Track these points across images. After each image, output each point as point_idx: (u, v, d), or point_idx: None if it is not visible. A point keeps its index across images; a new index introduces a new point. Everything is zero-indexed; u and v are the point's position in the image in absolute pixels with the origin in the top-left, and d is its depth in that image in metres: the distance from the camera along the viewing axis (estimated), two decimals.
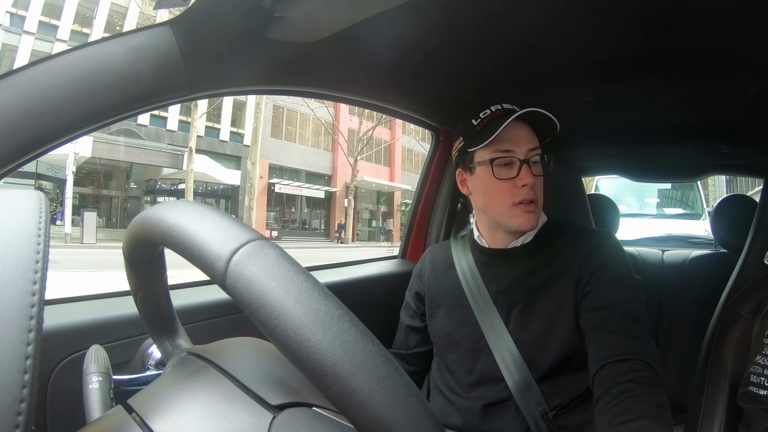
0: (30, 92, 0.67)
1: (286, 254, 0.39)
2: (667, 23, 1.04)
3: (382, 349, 0.37)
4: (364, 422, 0.34)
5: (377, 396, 0.35)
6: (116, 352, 0.92)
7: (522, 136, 1.07)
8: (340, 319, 0.36)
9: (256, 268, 0.37)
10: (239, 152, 22.78)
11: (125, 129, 19.37)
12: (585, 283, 1.03)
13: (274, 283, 0.36)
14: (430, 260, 1.28)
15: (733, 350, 1.16)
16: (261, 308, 0.36)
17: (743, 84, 1.32)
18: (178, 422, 0.45)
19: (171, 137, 21.02)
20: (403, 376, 0.37)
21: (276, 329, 0.35)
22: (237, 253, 0.38)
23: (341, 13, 0.93)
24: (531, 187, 1.05)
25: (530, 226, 1.07)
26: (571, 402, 1.03)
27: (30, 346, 0.31)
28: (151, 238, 0.48)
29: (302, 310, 0.35)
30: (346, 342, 0.35)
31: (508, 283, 1.11)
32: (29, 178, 18.37)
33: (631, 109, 1.67)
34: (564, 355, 1.03)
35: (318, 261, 1.89)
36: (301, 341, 0.35)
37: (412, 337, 1.25)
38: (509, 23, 1.08)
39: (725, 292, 1.30)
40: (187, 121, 19.28)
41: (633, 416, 0.79)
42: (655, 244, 2.43)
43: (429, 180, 1.86)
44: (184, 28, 0.82)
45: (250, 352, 0.57)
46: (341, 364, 0.34)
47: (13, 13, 19.33)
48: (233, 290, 0.37)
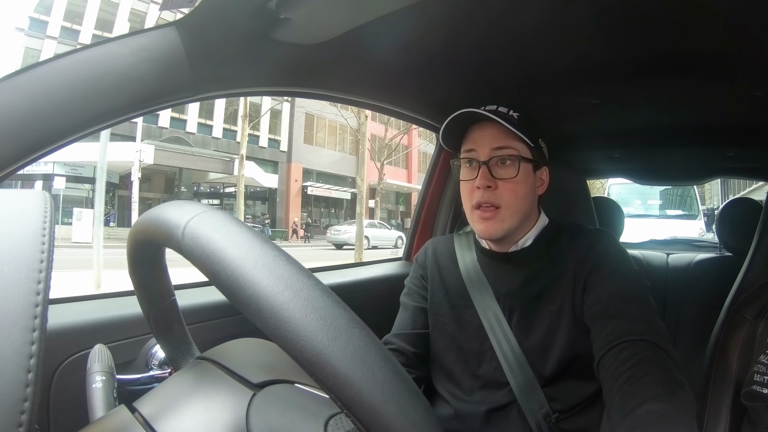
0: (36, 92, 0.68)
1: (232, 215, 0.44)
2: (671, 25, 1.04)
3: (318, 282, 0.39)
4: (304, 355, 0.35)
5: (312, 324, 0.35)
6: (120, 351, 0.93)
7: (487, 137, 1.03)
8: (276, 257, 0.39)
9: (204, 228, 0.41)
10: (276, 157, 25.86)
11: (175, 137, 21.78)
12: (584, 282, 1.00)
13: (218, 235, 0.40)
14: (432, 252, 1.23)
15: (737, 354, 1.15)
16: (207, 258, 0.39)
17: (748, 86, 1.31)
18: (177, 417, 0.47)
19: (216, 144, 23.81)
20: (343, 306, 0.38)
21: (219, 274, 0.38)
22: (192, 220, 0.42)
23: (346, 15, 0.93)
24: (491, 191, 1.01)
25: (488, 235, 1.04)
26: (575, 406, 1.01)
27: (34, 345, 0.31)
28: (138, 238, 0.52)
29: (239, 253, 0.38)
30: (281, 275, 0.37)
31: (508, 288, 1.08)
32: (86, 182, 19.45)
33: (636, 112, 1.66)
34: (566, 361, 1.01)
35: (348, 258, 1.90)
36: (237, 278, 0.37)
37: (420, 317, 1.18)
38: (514, 26, 1.08)
39: (730, 296, 1.29)
40: (232, 129, 23.22)
41: (638, 401, 0.72)
42: (660, 247, 2.41)
43: (433, 182, 1.86)
44: (190, 29, 0.82)
45: (244, 346, 0.60)
46: (275, 296, 0.36)
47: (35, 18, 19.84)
48: (186, 249, 0.41)
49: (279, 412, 0.47)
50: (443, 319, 1.14)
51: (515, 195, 1.02)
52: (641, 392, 0.74)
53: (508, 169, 1.02)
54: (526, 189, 1.04)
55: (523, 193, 1.03)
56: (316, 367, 0.35)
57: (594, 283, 0.99)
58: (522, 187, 1.03)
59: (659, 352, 0.83)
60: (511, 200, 1.02)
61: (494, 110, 1.02)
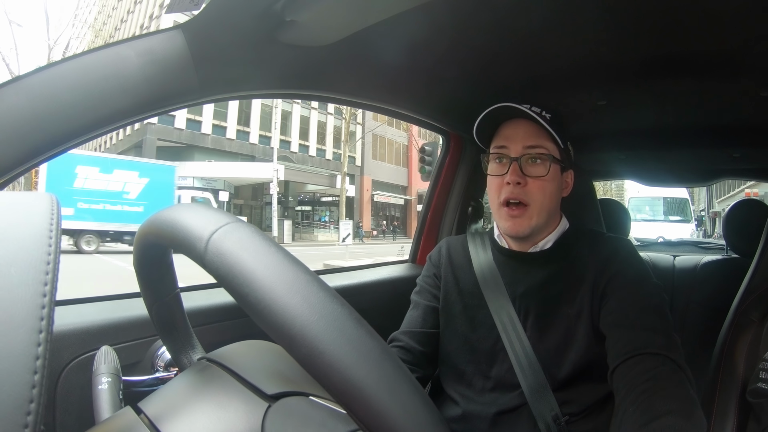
0: (42, 95, 0.68)
1: (260, 231, 0.42)
2: (677, 26, 1.04)
3: (352, 311, 0.38)
4: (334, 385, 0.35)
5: (346, 357, 0.35)
6: (126, 353, 0.93)
7: (520, 134, 1.04)
8: (309, 283, 0.37)
9: (230, 244, 0.40)
10: (352, 171, 30.87)
11: (282, 155, 25.70)
12: (602, 291, 1.00)
13: (246, 254, 0.39)
14: (446, 251, 1.22)
15: (744, 356, 1.14)
16: (234, 278, 0.38)
17: (755, 86, 1.30)
18: (184, 420, 0.47)
19: (311, 161, 30.01)
20: (375, 337, 0.38)
21: (248, 297, 0.37)
22: (216, 233, 0.40)
23: (352, 17, 0.93)
24: (521, 187, 1.02)
25: (515, 232, 1.04)
26: (585, 410, 1.00)
27: (40, 347, 0.31)
28: (150, 239, 0.50)
29: (270, 276, 0.37)
30: (314, 304, 0.36)
31: (526, 288, 1.07)
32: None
33: (642, 113, 1.65)
34: (580, 366, 1.00)
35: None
36: (269, 304, 0.36)
37: (431, 316, 1.17)
38: (520, 27, 1.08)
39: (737, 298, 1.28)
40: (322, 147, 30.49)
41: (655, 414, 0.74)
42: (667, 249, 2.40)
43: (439, 184, 1.86)
44: (196, 32, 0.83)
45: (251, 350, 0.59)
46: (309, 326, 0.35)
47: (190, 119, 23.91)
48: (211, 265, 0.39)
49: (295, 427, 0.47)
50: (456, 319, 1.13)
51: (544, 193, 1.03)
52: (659, 406, 0.75)
53: (539, 168, 1.03)
54: (553, 188, 1.05)
55: (551, 192, 1.04)
56: (348, 398, 0.35)
57: (613, 291, 0.99)
58: (550, 186, 1.04)
59: (677, 369, 0.83)
60: (539, 198, 1.02)
61: (528, 109, 1.02)
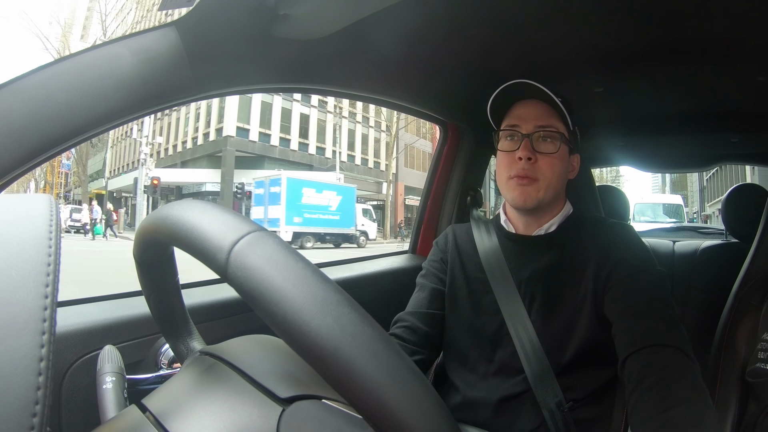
0: (37, 96, 0.68)
1: (284, 243, 0.40)
2: (673, 12, 1.03)
3: (383, 332, 0.37)
4: (366, 407, 0.35)
5: (379, 379, 0.35)
6: (129, 351, 0.93)
7: (532, 113, 1.05)
8: (339, 303, 0.36)
9: (255, 258, 0.37)
10: (380, 177, 35.88)
11: (332, 164, 28.68)
12: (606, 276, 1.00)
13: (274, 270, 0.37)
14: (453, 237, 1.24)
15: (745, 340, 1.15)
16: (261, 296, 0.36)
17: (752, 72, 1.30)
18: (191, 419, 0.46)
19: (357, 169, 34.16)
20: (405, 358, 0.37)
21: (276, 316, 0.36)
22: (237, 244, 0.38)
23: (346, 9, 0.93)
24: (531, 163, 1.03)
25: (522, 202, 1.05)
26: (588, 396, 1.01)
27: (43, 348, 0.31)
28: (159, 238, 0.49)
29: (301, 296, 0.36)
30: (346, 326, 0.35)
31: (530, 274, 1.08)
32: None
33: (639, 100, 1.65)
34: (583, 351, 1.01)
35: None
36: (300, 326, 0.35)
37: (437, 299, 1.18)
38: (516, 16, 1.07)
39: (737, 282, 1.28)
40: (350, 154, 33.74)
41: (673, 403, 0.75)
42: (666, 235, 2.40)
43: (438, 175, 1.86)
44: (189, 29, 0.82)
45: (259, 348, 0.57)
46: (341, 348, 0.35)
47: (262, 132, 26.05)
48: (234, 280, 0.37)
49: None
50: (461, 303, 1.14)
51: (553, 169, 1.04)
52: (677, 394, 0.77)
53: (549, 145, 1.04)
54: (562, 167, 1.06)
55: (560, 171, 1.06)
56: (377, 417, 0.35)
57: (617, 278, 0.99)
58: (559, 165, 1.05)
59: (688, 361, 0.85)
60: (548, 174, 1.04)
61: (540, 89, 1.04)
